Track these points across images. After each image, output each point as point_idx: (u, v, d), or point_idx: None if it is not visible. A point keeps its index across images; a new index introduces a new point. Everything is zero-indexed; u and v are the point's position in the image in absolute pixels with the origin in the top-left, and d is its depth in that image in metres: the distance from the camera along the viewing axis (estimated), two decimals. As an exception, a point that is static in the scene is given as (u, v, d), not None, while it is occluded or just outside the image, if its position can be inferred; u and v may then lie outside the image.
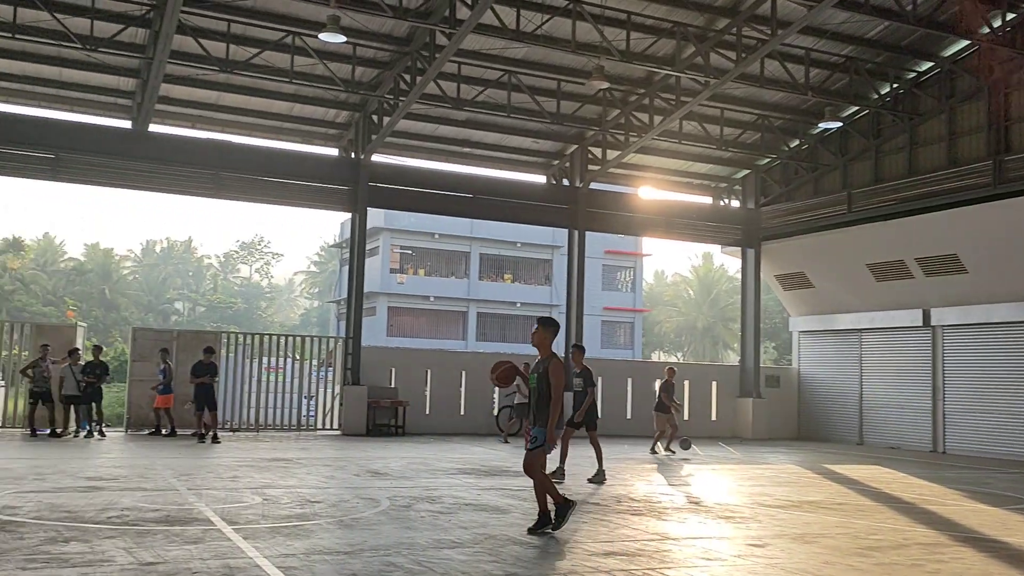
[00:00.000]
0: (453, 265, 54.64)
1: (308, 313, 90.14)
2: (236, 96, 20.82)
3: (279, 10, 18.07)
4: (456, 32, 17.29)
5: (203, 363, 18.36)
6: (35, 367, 18.35)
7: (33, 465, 12.97)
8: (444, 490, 11.58)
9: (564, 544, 8.08)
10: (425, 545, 7.82)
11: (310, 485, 11.75)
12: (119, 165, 20.24)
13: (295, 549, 7.44)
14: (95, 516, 8.69)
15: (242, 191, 21.58)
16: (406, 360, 23.46)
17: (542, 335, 8.76)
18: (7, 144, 19.32)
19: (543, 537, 8.32)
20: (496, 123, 22.66)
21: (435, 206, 24.43)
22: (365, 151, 21.86)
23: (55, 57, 18.73)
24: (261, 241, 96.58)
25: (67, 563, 6.65)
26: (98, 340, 38.25)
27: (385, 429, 21.56)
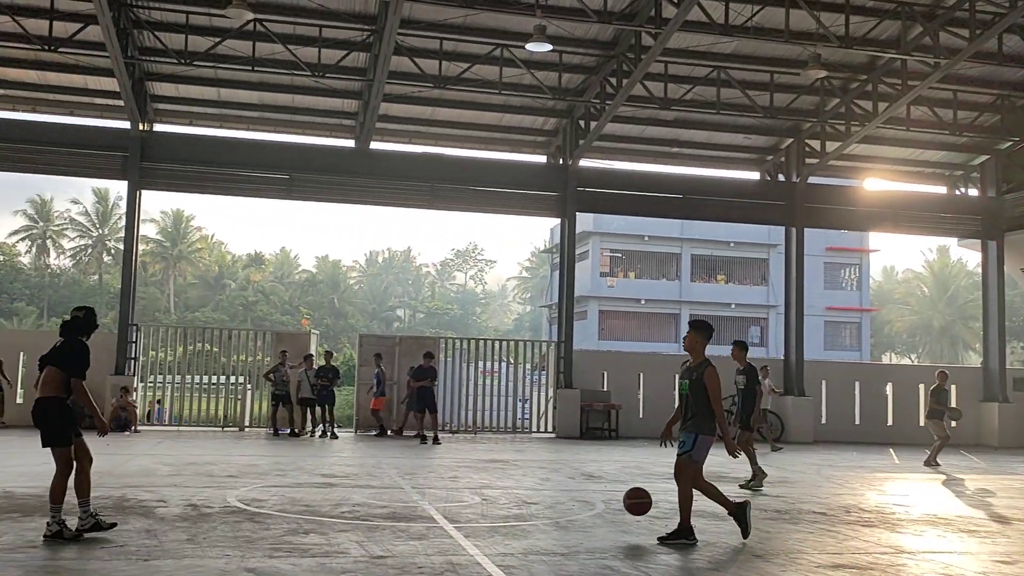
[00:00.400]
0: (664, 267, 54.03)
1: (521, 318, 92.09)
2: (449, 110, 21.62)
3: (487, 24, 18.59)
4: (662, 32, 17.10)
5: (423, 367, 19.12)
6: (275, 371, 19.84)
7: (275, 462, 14.02)
8: (659, 495, 11.39)
9: (788, 555, 7.76)
10: (643, 550, 7.75)
11: (526, 486, 11.96)
12: (344, 182, 21.54)
13: (513, 549, 7.58)
14: (330, 511, 9.27)
15: (456, 201, 22.38)
16: (618, 363, 23.41)
17: (694, 339, 8.37)
18: (248, 168, 21.04)
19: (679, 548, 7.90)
20: (706, 121, 22.19)
21: (644, 208, 24.25)
22: (573, 156, 22.05)
23: (287, 85, 20.23)
24: (475, 249, 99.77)
25: (307, 553, 7.12)
26: (329, 346, 40.83)
27: (598, 432, 21.61)
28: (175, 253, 74.34)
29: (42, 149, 20.05)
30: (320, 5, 17.65)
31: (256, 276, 77.93)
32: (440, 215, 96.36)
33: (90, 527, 7.48)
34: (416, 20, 18.04)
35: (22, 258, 74.01)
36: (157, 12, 18.10)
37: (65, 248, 76.09)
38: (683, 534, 8.03)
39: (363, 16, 18.22)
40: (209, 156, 20.75)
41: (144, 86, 20.13)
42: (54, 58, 18.69)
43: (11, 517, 8.30)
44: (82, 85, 20.26)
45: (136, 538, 7.53)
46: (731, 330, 53.44)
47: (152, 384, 21.51)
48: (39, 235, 74.36)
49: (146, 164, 20.25)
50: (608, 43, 19.43)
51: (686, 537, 8.02)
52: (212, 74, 19.71)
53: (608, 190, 23.04)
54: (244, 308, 71.71)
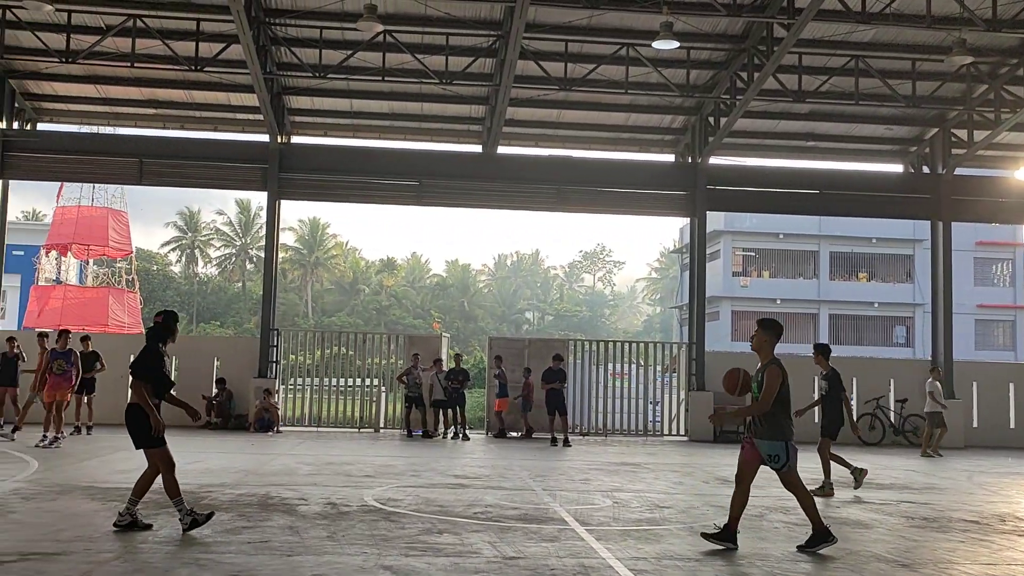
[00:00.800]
0: (800, 265, 52.38)
1: (650, 319, 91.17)
2: (575, 112, 21.60)
3: (613, 24, 18.49)
4: (795, 22, 16.57)
5: (552, 369, 19.15)
6: (408, 374, 20.28)
7: (410, 463, 14.32)
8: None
9: (937, 564, 7.36)
10: (780, 557, 7.51)
11: (658, 490, 11.79)
12: (472, 187, 21.83)
13: (646, 553, 7.48)
14: (463, 511, 9.38)
15: (583, 203, 22.32)
16: (752, 365, 22.67)
17: (761, 338, 7.96)
18: (379, 175, 21.60)
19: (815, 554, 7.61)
20: (843, 112, 21.38)
21: (779, 205, 23.55)
22: (702, 154, 21.65)
23: (416, 93, 20.67)
24: (603, 250, 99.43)
25: (441, 552, 7.24)
26: (459, 349, 41.47)
27: (733, 436, 21.08)
28: (312, 260, 77.19)
29: (190, 164, 21.17)
30: (447, 14, 17.97)
31: (389, 281, 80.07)
32: (567, 217, 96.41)
33: (189, 524, 7.78)
34: (541, 23, 18.11)
35: (173, 267, 78.44)
36: (293, 28, 18.84)
37: (211, 257, 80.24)
38: (820, 538, 7.73)
39: (489, 22, 18.43)
40: (343, 165, 21.44)
41: (282, 100, 20.98)
42: (200, 77, 19.71)
43: (166, 512, 8.76)
44: (225, 102, 21.29)
45: (279, 534, 7.82)
46: (874, 330, 51.43)
47: (292, 387, 22.35)
48: (188, 245, 78.62)
49: (284, 175, 21.09)
50: (738, 36, 18.99)
51: (825, 540, 7.71)
52: (345, 86, 20.36)
53: (740, 187, 22.50)
54: (378, 312, 73.78)
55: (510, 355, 21.58)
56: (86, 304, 39.07)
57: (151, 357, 7.94)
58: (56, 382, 15.50)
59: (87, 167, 21.63)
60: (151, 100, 21.23)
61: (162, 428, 7.97)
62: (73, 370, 15.77)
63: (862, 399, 21.81)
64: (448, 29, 18.55)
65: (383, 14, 17.31)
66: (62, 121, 22.47)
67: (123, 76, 20.09)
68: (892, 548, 8.01)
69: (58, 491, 9.95)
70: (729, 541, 7.75)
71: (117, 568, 6.45)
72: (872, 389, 21.80)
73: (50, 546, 7.12)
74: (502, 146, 21.96)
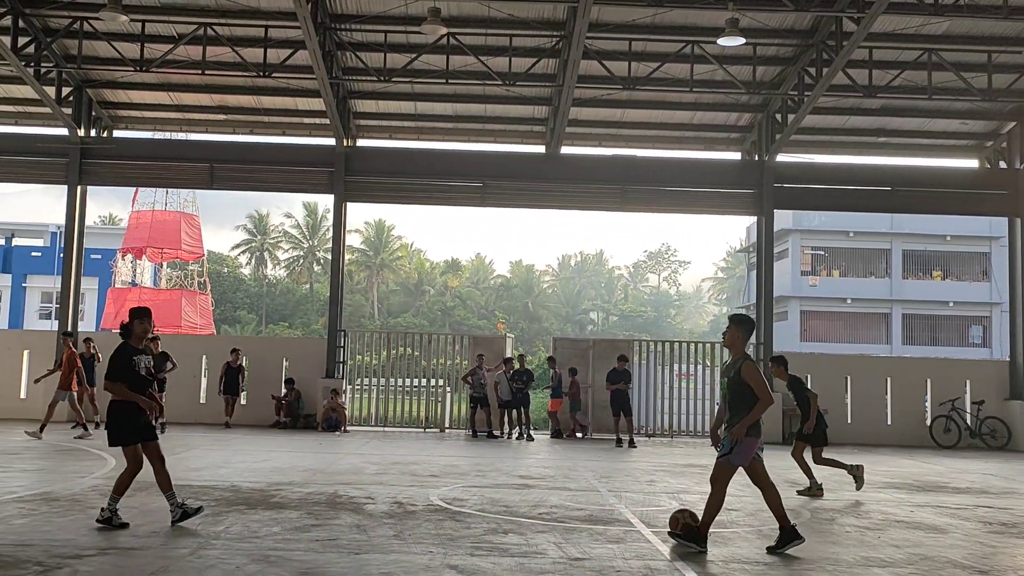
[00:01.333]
0: (871, 264, 51.19)
1: (717, 319, 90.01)
2: (638, 111, 21.46)
3: (677, 22, 18.32)
4: (865, 16, 16.22)
5: (617, 370, 19.06)
6: (473, 374, 20.38)
7: (475, 463, 14.38)
8: (871, 504, 10.82)
9: (1018, 571, 7.12)
10: (852, 562, 7.35)
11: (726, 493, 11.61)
12: (536, 187, 21.84)
13: (713, 556, 7.39)
14: (528, 512, 9.39)
15: (647, 202, 22.16)
16: (822, 366, 22.35)
17: (734, 333, 7.72)
18: (443, 177, 21.76)
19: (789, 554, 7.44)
20: (915, 107, 20.85)
21: (848, 203, 23.05)
22: (769, 152, 21.32)
23: (480, 95, 20.77)
24: (668, 250, 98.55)
25: (506, 553, 7.25)
26: (523, 350, 41.51)
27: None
28: (378, 261, 78.09)
29: (259, 168, 21.60)
30: (510, 15, 18.02)
31: (453, 282, 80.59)
32: (631, 217, 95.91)
33: (180, 516, 7.97)
34: (604, 23, 18.04)
35: (243, 269, 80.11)
36: (358, 33, 19.09)
37: (280, 259, 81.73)
38: (788, 537, 7.56)
39: (552, 23, 18.43)
40: (407, 167, 21.65)
41: (347, 104, 21.27)
42: (268, 83, 20.10)
43: (238, 509, 8.95)
44: (292, 107, 21.66)
45: (347, 532, 7.92)
46: (950, 330, 49.98)
47: (359, 387, 22.64)
48: (257, 248, 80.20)
49: (350, 178, 21.38)
50: (806, 31, 18.66)
51: (793, 539, 7.54)
52: (409, 89, 20.55)
53: (808, 185, 22.08)
54: (442, 313, 74.30)
55: (575, 355, 21.56)
56: (160, 306, 40.13)
57: (118, 357, 8.07)
58: None
59: (161, 172, 22.26)
60: (221, 106, 21.73)
61: (154, 411, 8.28)
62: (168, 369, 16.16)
63: (936, 401, 21.26)
64: (511, 30, 18.60)
65: (447, 17, 17.43)
66: (137, 128, 23.14)
67: (194, 83, 20.61)
68: (969, 554, 7.78)
69: (134, 488, 10.21)
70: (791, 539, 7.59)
71: (191, 563, 6.61)
72: (947, 391, 21.21)
73: (127, 541, 7.33)
74: (565, 146, 21.93)
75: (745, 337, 7.79)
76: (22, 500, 9.16)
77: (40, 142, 21.39)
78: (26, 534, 7.44)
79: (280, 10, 17.93)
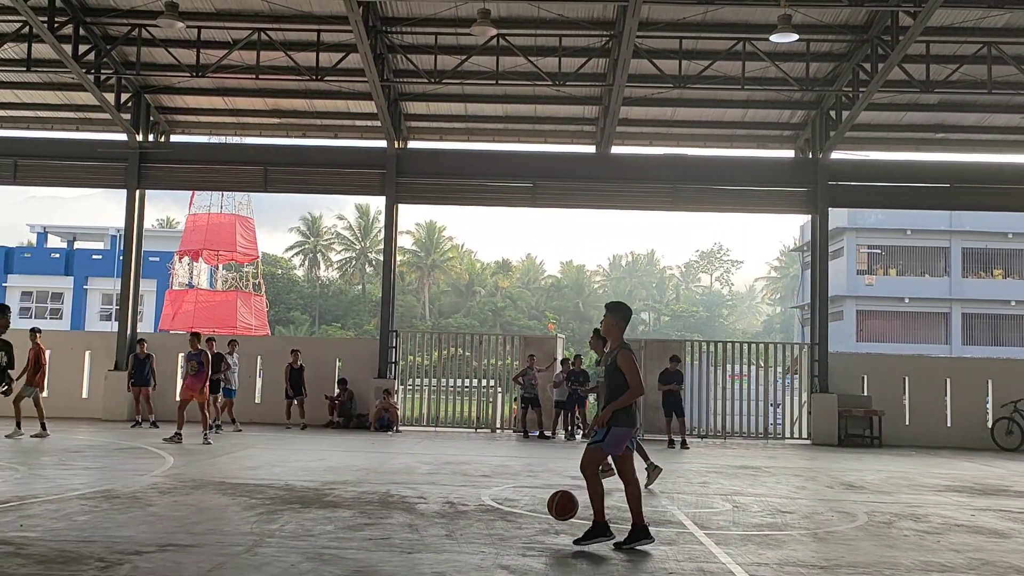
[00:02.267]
0: (929, 262, 50.12)
1: (770, 319, 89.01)
2: (689, 110, 21.28)
3: (728, 19, 18.14)
4: (922, 10, 15.89)
5: (669, 371, 18.91)
6: (524, 375, 20.39)
7: (526, 463, 14.39)
8: (930, 508, 10.60)
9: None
10: (910, 566, 7.21)
11: (780, 494, 11.49)
12: (586, 187, 21.78)
13: (767, 559, 7.31)
14: (580, 512, 9.36)
15: (699, 202, 21.96)
16: (879, 367, 21.96)
17: (609, 322, 7.71)
18: (493, 178, 21.81)
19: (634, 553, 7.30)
20: (974, 102, 20.36)
21: (905, 200, 22.58)
22: (823, 149, 20.99)
23: (529, 96, 20.78)
24: (720, 249, 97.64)
25: (558, 554, 7.25)
26: (575, 350, 41.47)
27: (858, 440, 20.38)
28: (429, 262, 78.60)
29: (311, 171, 21.87)
30: (559, 15, 18.00)
31: (504, 283, 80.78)
32: (683, 216, 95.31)
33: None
34: (654, 21, 17.93)
35: (297, 271, 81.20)
36: (409, 36, 19.23)
37: (332, 261, 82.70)
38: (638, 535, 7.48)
39: (601, 22, 18.37)
40: (458, 169, 21.75)
41: (398, 106, 21.43)
42: (320, 86, 20.33)
43: (292, 508, 9.08)
44: (344, 109, 21.90)
45: (399, 532, 7.99)
46: (1012, 329, 48.76)
47: (411, 387, 22.80)
48: (310, 249, 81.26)
49: (401, 179, 21.54)
50: (860, 27, 18.34)
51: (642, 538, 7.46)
52: (459, 90, 20.64)
53: (863, 183, 21.70)
54: (493, 314, 74.48)
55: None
56: (216, 307, 40.90)
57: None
58: (190, 383, 16.22)
59: (216, 176, 22.67)
60: (275, 110, 22.05)
61: None
62: (204, 370, 16.42)
63: (998, 402, 20.74)
64: (561, 31, 18.58)
65: (496, 18, 17.47)
66: (193, 132, 23.60)
67: (249, 87, 20.94)
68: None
69: (192, 486, 10.44)
70: (637, 539, 7.51)
71: (247, 561, 6.71)
72: (1009, 392, 20.68)
73: (185, 538, 7.47)
74: (616, 146, 21.84)
75: (621, 325, 7.78)
76: (84, 497, 9.40)
77: (100, 147, 21.91)
78: (88, 530, 7.63)
79: (332, 14, 18.15)
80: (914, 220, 46.72)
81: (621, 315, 7.84)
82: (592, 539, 7.52)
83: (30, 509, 8.53)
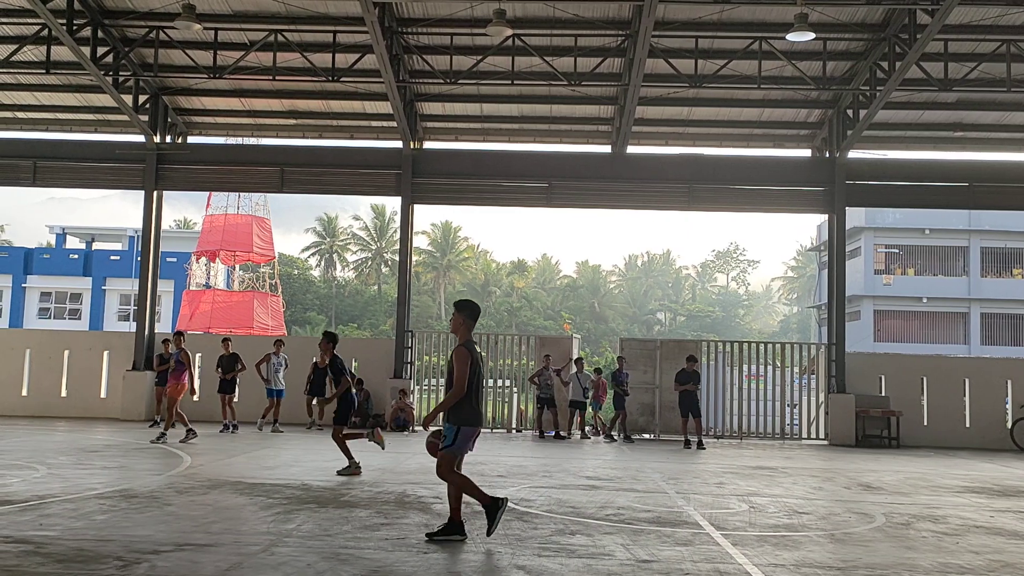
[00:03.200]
0: (948, 262, 49.75)
1: (787, 319, 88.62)
2: (705, 109, 21.22)
3: (744, 18, 18.07)
4: (940, 7, 15.78)
5: (686, 371, 18.87)
6: (540, 375, 20.39)
7: (542, 463, 14.39)
8: (948, 509, 10.53)
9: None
10: (928, 568, 7.16)
11: (797, 495, 11.44)
12: (602, 187, 21.74)
13: (784, 560, 7.27)
14: (595, 513, 9.36)
15: (715, 201, 21.88)
16: (897, 367, 21.83)
17: (457, 320, 7.74)
18: (509, 178, 21.81)
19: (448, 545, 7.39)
20: (993, 100, 20.20)
21: (924, 200, 22.40)
22: (840, 148, 20.88)
23: (545, 96, 20.77)
24: (737, 249, 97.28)
25: (573, 554, 7.24)
26: (590, 351, 41.34)
27: (876, 440, 20.27)
28: (445, 263, 78.70)
29: (328, 171, 21.93)
30: (575, 15, 17.98)
31: (520, 283, 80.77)
32: (699, 216, 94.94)
33: None
34: (670, 20, 17.89)
35: (313, 271, 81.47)
36: (425, 36, 19.26)
37: (348, 261, 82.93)
38: (453, 529, 7.57)
39: (617, 22, 18.34)
40: (473, 169, 21.76)
41: (414, 107, 21.47)
42: (336, 87, 20.39)
43: (308, 508, 9.11)
44: (360, 110, 21.96)
45: (416, 532, 8.00)
46: (1032, 330, 48.29)
47: (427, 387, 22.83)
48: (327, 250, 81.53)
49: (417, 180, 21.57)
50: (878, 25, 18.24)
51: (457, 532, 7.55)
52: (475, 91, 20.65)
53: (881, 182, 21.56)
54: (509, 314, 74.48)
55: (642, 356, 21.42)
56: (233, 307, 41.09)
57: None
58: (169, 380, 16.09)
59: (233, 177, 22.76)
60: (291, 111, 22.13)
61: None
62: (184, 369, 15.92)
63: (1017, 402, 20.59)
64: (576, 30, 18.56)
65: (512, 18, 17.48)
66: (210, 134, 23.71)
67: (265, 89, 21.03)
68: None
69: (209, 485, 10.49)
70: (452, 533, 7.58)
71: (264, 560, 6.74)
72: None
73: (202, 538, 7.51)
74: (631, 145, 21.79)
75: (468, 323, 7.81)
76: (102, 496, 9.47)
77: (118, 149, 22.06)
78: (106, 529, 7.69)
79: (348, 15, 18.20)
80: (932, 219, 46.38)
81: (468, 313, 7.90)
82: (445, 535, 7.59)
83: (49, 508, 8.60)
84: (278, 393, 19.04)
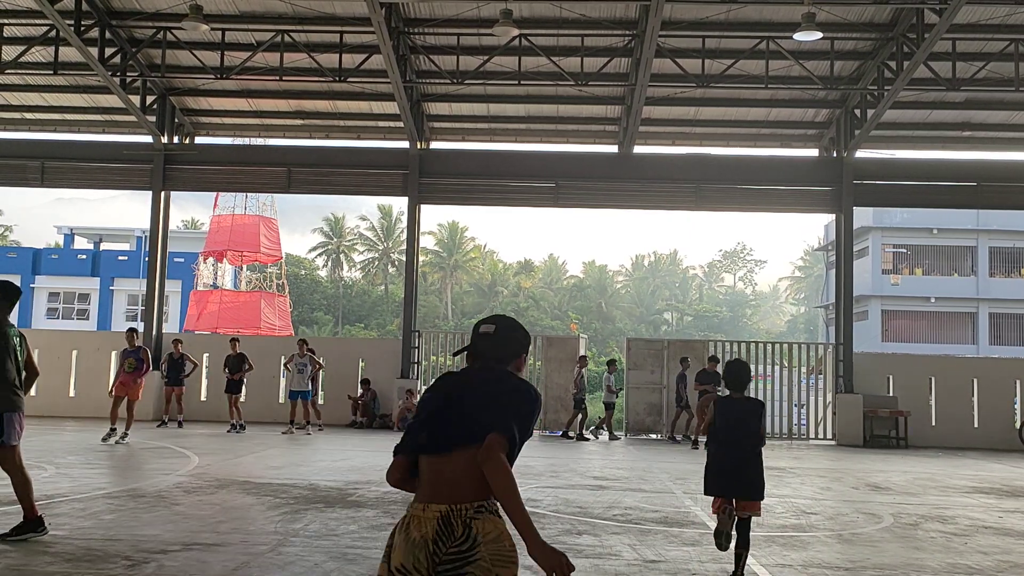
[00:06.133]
0: (956, 262, 49.57)
1: (794, 319, 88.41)
2: (712, 109, 21.19)
3: (751, 18, 18.04)
4: (948, 7, 15.74)
5: (707, 371, 18.80)
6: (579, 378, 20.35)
7: (549, 463, 14.38)
8: (957, 509, 10.49)
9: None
10: (936, 568, 7.14)
11: (804, 495, 11.42)
12: (609, 187, 21.73)
13: (791, 560, 7.26)
14: (602, 513, 9.35)
15: (722, 201, 21.86)
16: (905, 367, 21.76)
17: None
18: (516, 178, 21.80)
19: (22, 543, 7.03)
20: (1001, 100, 20.13)
21: (931, 199, 22.36)
22: (848, 148, 20.83)
23: (552, 96, 20.77)
24: (743, 249, 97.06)
25: (580, 554, 7.23)
26: (597, 350, 41.33)
27: (884, 440, 20.21)
28: (451, 263, 78.68)
29: (335, 172, 21.96)
30: (582, 15, 17.97)
31: (526, 283, 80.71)
32: (706, 216, 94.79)
33: None
34: (677, 20, 17.87)
35: (320, 272, 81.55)
36: (431, 37, 19.27)
37: (355, 261, 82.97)
38: (32, 526, 7.17)
39: (624, 22, 18.33)
40: (480, 169, 21.76)
41: (421, 107, 21.48)
42: (343, 88, 20.42)
43: (316, 507, 9.12)
44: (367, 111, 21.98)
45: (422, 531, 7.98)
46: (1040, 330, 48.12)
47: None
48: (333, 250, 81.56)
49: (424, 180, 21.58)
50: (885, 24, 18.19)
51: (35, 529, 7.16)
52: (482, 91, 20.65)
53: (889, 181, 21.51)
54: (516, 314, 74.42)
55: (649, 356, 21.41)
56: (240, 308, 41.14)
57: None
58: (127, 379, 15.54)
59: (240, 177, 22.80)
60: (298, 111, 22.17)
61: None
62: (144, 367, 15.77)
63: (1026, 403, 20.53)
64: (583, 30, 18.55)
65: (518, 18, 17.48)
66: (217, 134, 23.77)
67: (272, 89, 21.06)
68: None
69: (217, 485, 10.51)
70: (33, 529, 7.19)
71: (271, 560, 6.76)
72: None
73: (210, 537, 7.53)
74: (638, 145, 21.78)
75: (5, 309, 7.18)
76: (110, 496, 9.49)
77: (126, 149, 22.12)
78: (114, 529, 7.71)
79: (355, 16, 18.22)
80: (940, 219, 46.24)
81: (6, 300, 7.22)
82: (22, 534, 7.14)
83: (57, 508, 8.63)
84: (303, 395, 18.43)
